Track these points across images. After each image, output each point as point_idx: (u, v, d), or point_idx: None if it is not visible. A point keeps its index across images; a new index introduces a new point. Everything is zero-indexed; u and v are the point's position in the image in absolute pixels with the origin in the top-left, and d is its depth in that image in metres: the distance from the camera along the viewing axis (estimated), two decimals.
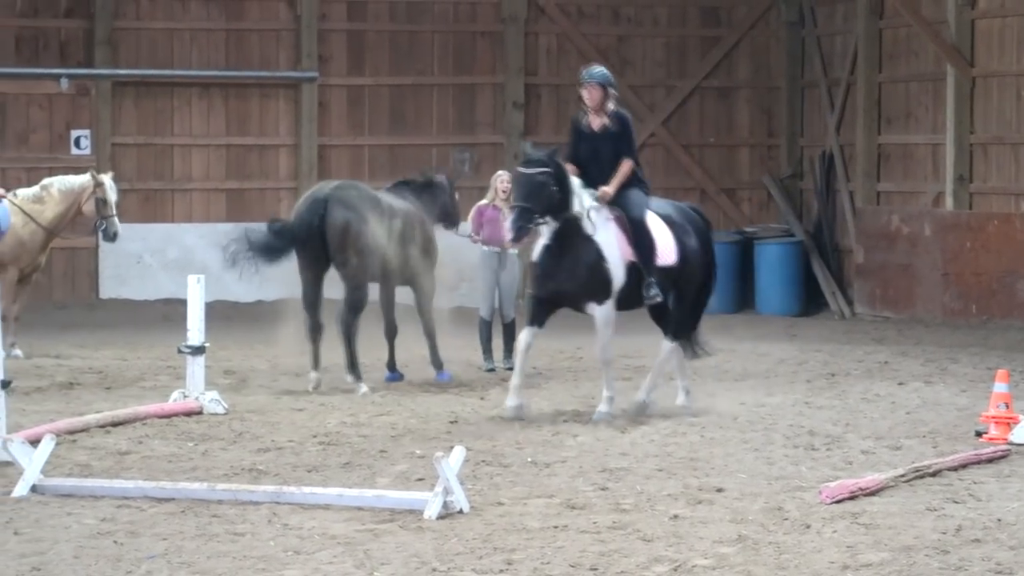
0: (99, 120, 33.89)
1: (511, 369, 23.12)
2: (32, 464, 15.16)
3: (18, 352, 22.83)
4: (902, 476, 15.66)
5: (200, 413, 19.58)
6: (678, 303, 19.83)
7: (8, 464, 15.79)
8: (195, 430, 18.88)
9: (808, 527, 13.79)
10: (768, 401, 21.22)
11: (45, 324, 27.40)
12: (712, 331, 29.82)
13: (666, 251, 18.89)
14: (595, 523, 13.98)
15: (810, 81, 35.66)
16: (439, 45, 35.60)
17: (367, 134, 35.02)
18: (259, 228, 22.07)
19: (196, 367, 19.95)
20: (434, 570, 12.30)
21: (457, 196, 23.95)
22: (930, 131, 31.95)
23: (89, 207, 25.02)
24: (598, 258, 18.22)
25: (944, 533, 13.39)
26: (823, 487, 15.15)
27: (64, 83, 33.86)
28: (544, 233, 18.30)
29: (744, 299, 33.86)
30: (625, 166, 18.77)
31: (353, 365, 21.80)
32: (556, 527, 13.82)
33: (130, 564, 12.54)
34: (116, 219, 25.22)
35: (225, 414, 19.55)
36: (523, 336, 18.80)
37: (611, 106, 18.98)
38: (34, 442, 15.97)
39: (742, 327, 30.87)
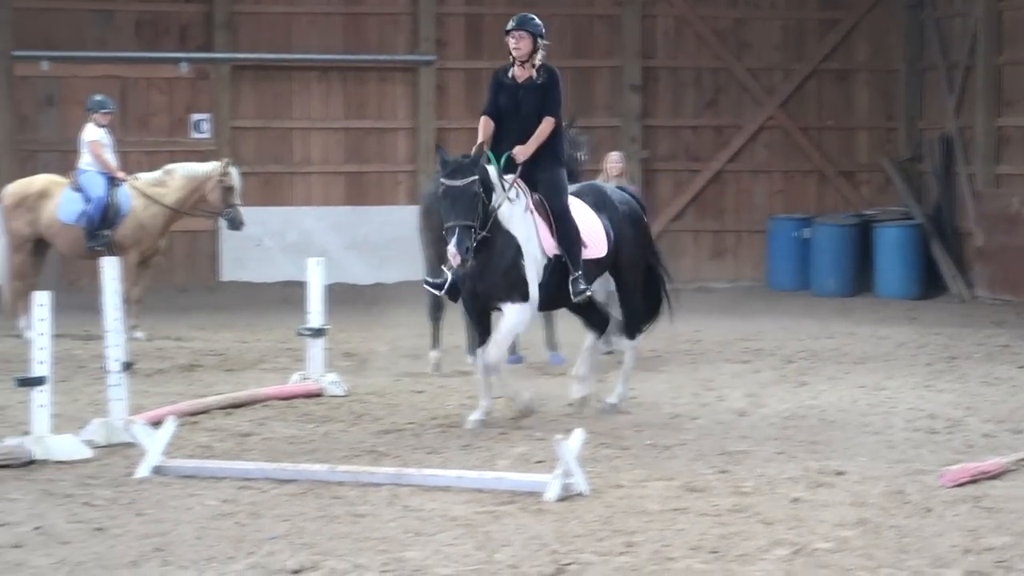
0: (219, 104, 34.07)
1: (614, 351, 23.17)
2: (154, 445, 15.26)
3: (140, 334, 22.97)
4: (1020, 458, 15.56)
5: (320, 395, 19.66)
6: (623, 299, 18.02)
7: (131, 445, 15.92)
8: (315, 412, 18.96)
9: (929, 511, 13.72)
10: (888, 384, 21.11)
11: (166, 307, 27.57)
12: (832, 314, 29.93)
13: (595, 242, 16.76)
14: (715, 506, 13.96)
15: (929, 63, 35.44)
16: (556, 28, 35.49)
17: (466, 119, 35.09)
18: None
19: (316, 349, 20.04)
20: (554, 552, 12.29)
21: (584, 151, 23.77)
22: None
23: (215, 196, 25.16)
24: (514, 255, 16.13)
25: None
26: (944, 470, 15.06)
27: (184, 67, 34.06)
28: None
29: (863, 282, 33.66)
30: (546, 125, 16.64)
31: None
32: (676, 510, 13.80)
33: (252, 545, 12.60)
34: (240, 209, 25.37)
35: (345, 396, 19.62)
36: (481, 356, 17.26)
37: (539, 59, 17.15)
38: (156, 424, 16.13)
39: (861, 310, 30.76)
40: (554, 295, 16.78)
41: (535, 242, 16.13)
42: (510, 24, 16.85)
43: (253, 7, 34.40)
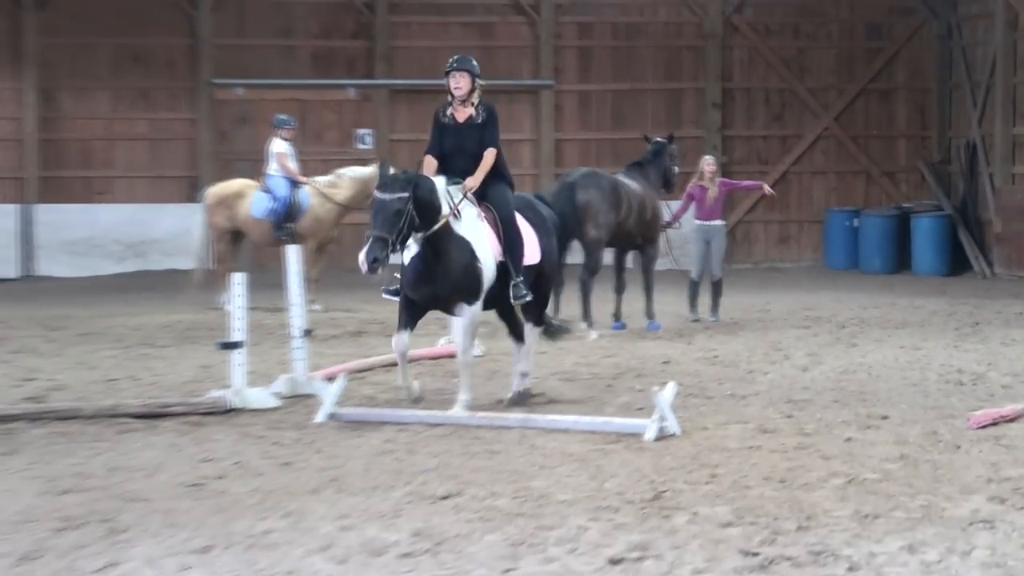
0: (378, 121, 34.19)
1: (716, 321, 23.10)
2: (329, 397, 15.42)
3: (317, 307, 23.12)
4: None
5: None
6: (539, 297, 15.93)
7: (310, 397, 16.08)
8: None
9: (958, 448, 13.74)
10: (923, 345, 21.02)
11: (338, 284, 27.60)
12: (876, 288, 29.68)
13: (531, 250, 15.17)
14: (783, 444, 13.98)
15: (956, 83, 35.18)
16: (652, 58, 35.49)
17: (594, 130, 35.03)
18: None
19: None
20: (652, 481, 12.36)
21: (676, 157, 23.76)
22: None
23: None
24: (471, 258, 14.45)
25: None
26: (970, 415, 15.09)
27: (351, 91, 34.21)
28: (418, 244, 14.44)
29: (902, 262, 33.51)
30: (489, 156, 14.88)
31: (587, 315, 21.82)
32: (751, 447, 13.85)
33: (408, 476, 12.69)
34: None
35: (481, 356, 19.61)
36: (397, 340, 15.12)
37: (476, 97, 15.28)
38: (331, 379, 16.35)
39: (901, 285, 30.54)
40: (495, 298, 15.19)
41: (487, 247, 14.62)
42: (450, 65, 15.28)
43: (406, 42, 34.48)
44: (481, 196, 14.95)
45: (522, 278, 14.89)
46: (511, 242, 14.84)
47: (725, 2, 35.40)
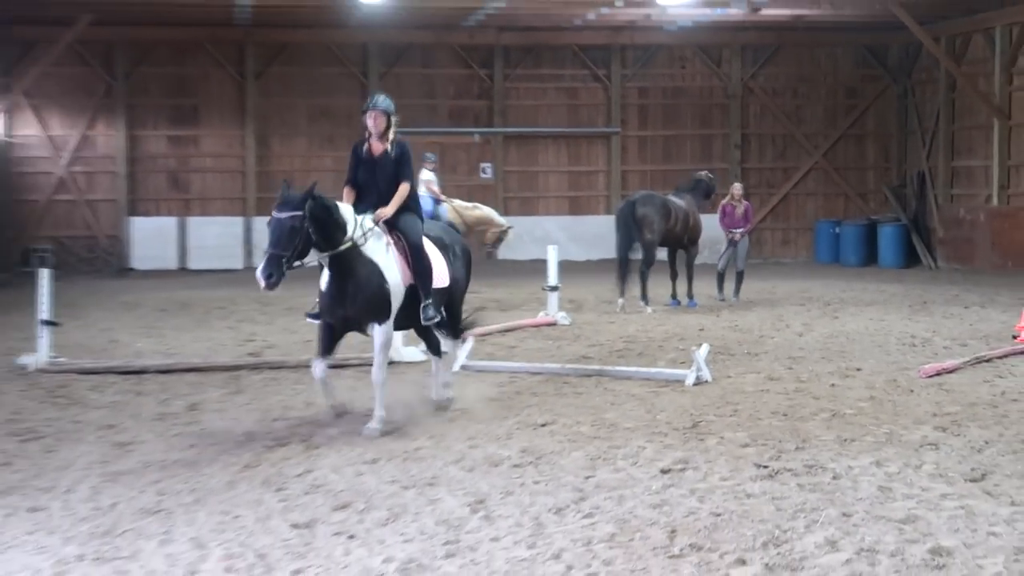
0: (496, 157, 34.18)
1: (736, 300, 22.92)
2: (461, 353, 15.34)
3: None
4: (968, 361, 15.40)
5: (554, 324, 19.65)
6: (451, 318, 13.34)
7: (447, 355, 16.07)
8: (552, 334, 18.97)
9: (912, 391, 13.71)
10: (886, 317, 20.84)
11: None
12: (852, 277, 29.38)
13: (440, 274, 12.53)
14: (785, 388, 13.93)
15: (911, 130, 34.85)
16: (690, 111, 35.36)
17: (649, 164, 34.90)
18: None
19: (552, 298, 20.04)
20: (691, 415, 12.41)
21: (715, 185, 23.86)
22: (983, 158, 31.13)
23: (491, 235, 26.24)
24: (379, 280, 11.80)
25: (995, 395, 13.41)
26: (921, 368, 15.01)
27: (476, 137, 34.19)
28: (326, 264, 11.84)
29: (870, 258, 33.18)
30: (403, 188, 12.23)
31: (645, 295, 21.72)
32: (762, 390, 13.83)
33: (516, 411, 12.75)
34: (499, 248, 26.10)
35: (569, 325, 19.59)
36: (316, 368, 12.09)
37: (392, 134, 12.43)
38: (462, 340, 16.27)
39: (870, 275, 30.27)
40: (407, 318, 12.38)
41: (396, 271, 11.97)
42: (367, 105, 12.43)
43: (515, 101, 34.46)
44: (392, 225, 12.21)
45: (431, 300, 12.21)
46: (419, 266, 12.17)
47: (743, 71, 35.25)
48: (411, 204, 12.48)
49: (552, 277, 20.20)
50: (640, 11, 29.98)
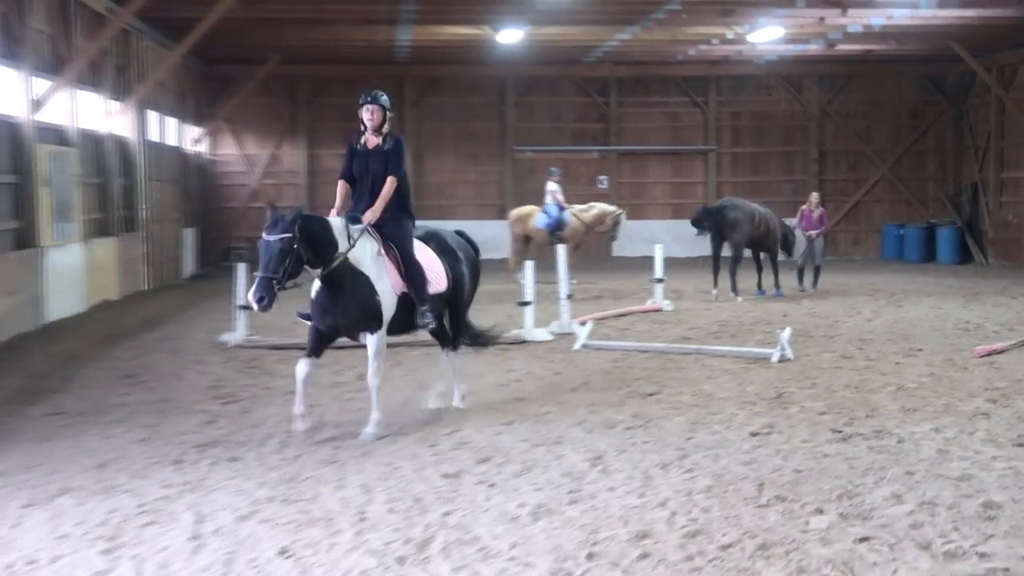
0: (611, 171, 34.09)
1: (815, 291, 22.59)
2: (582, 334, 15.38)
3: (574, 281, 22.96)
4: (1016, 343, 15.10)
5: (660, 311, 19.57)
6: (455, 322, 11.61)
7: (571, 334, 16.06)
8: (658, 318, 18.89)
9: (966, 369, 13.47)
10: (943, 306, 20.43)
11: (586, 268, 27.57)
12: (914, 271, 28.85)
13: (438, 279, 10.86)
14: (856, 365, 13.75)
15: (965, 146, 34.03)
16: (775, 132, 34.94)
17: (740, 176, 34.55)
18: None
19: (659, 288, 19.97)
20: (776, 387, 12.32)
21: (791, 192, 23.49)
22: None
23: (609, 223, 25.36)
24: (369, 292, 10.18)
25: None
26: (974, 349, 14.73)
27: (595, 153, 34.15)
28: (317, 275, 10.20)
29: (929, 256, 32.50)
30: (388, 184, 10.52)
31: (735, 287, 21.54)
32: (836, 367, 13.65)
33: (626, 383, 12.69)
34: (619, 230, 25.57)
35: (672, 311, 19.51)
36: (300, 367, 10.32)
37: (387, 128, 10.80)
38: (583, 323, 16.31)
39: (929, 271, 29.69)
40: (405, 324, 10.67)
41: (386, 281, 10.31)
42: (365, 99, 10.67)
43: (628, 123, 34.31)
44: (381, 232, 10.51)
45: (427, 307, 10.53)
46: (412, 273, 10.47)
47: (821, 97, 34.77)
48: (402, 204, 10.67)
49: (658, 271, 20.08)
50: (733, 47, 29.68)
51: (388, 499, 8.09)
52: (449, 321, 11.46)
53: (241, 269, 16.36)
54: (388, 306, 10.27)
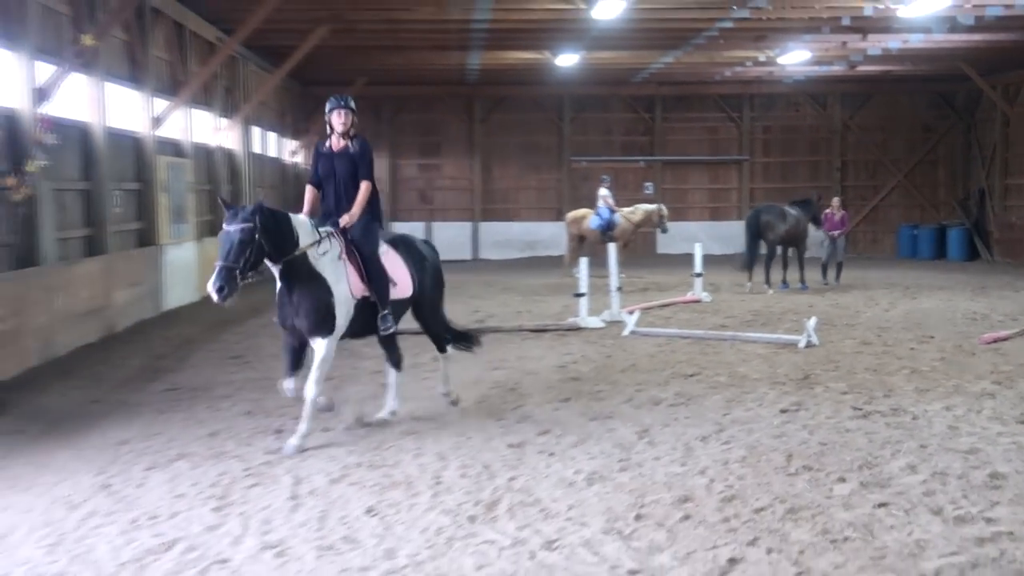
0: (656, 178, 33.87)
1: (837, 284, 22.30)
2: (631, 322, 15.29)
3: (622, 275, 22.81)
4: (1019, 332, 14.84)
5: (699, 302, 19.44)
6: (426, 326, 10.31)
7: (620, 322, 16.00)
8: (697, 308, 18.75)
9: (974, 354, 13.28)
10: (953, 298, 20.08)
11: (632, 264, 27.44)
12: (927, 268, 28.41)
13: (403, 285, 9.55)
14: (875, 350, 13.60)
15: (973, 156, 33.36)
16: (802, 143, 34.55)
17: (771, 183, 34.18)
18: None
19: (698, 282, 19.84)
20: (803, 369, 12.22)
21: (820, 199, 23.13)
22: None
23: (655, 219, 25.17)
24: (324, 294, 8.83)
25: None
26: (980, 336, 14.50)
27: (641, 163, 33.91)
28: (276, 272, 8.83)
29: (940, 253, 31.98)
30: (363, 188, 9.24)
31: (767, 280, 21.32)
32: (857, 352, 13.50)
33: (670, 365, 12.63)
34: (666, 223, 25.33)
35: (710, 302, 19.36)
36: (286, 389, 9.00)
37: (354, 132, 9.37)
38: (631, 312, 16.19)
39: (940, 267, 29.20)
40: (365, 328, 9.35)
41: (344, 284, 8.92)
42: (335, 104, 9.29)
43: (671, 136, 34.07)
44: (346, 234, 9.22)
45: (388, 310, 9.29)
46: (374, 276, 9.18)
47: (843, 112, 34.29)
48: (373, 208, 9.39)
49: (697, 266, 19.97)
50: (765, 69, 29.41)
51: (460, 465, 8.12)
52: (422, 326, 10.23)
53: None
54: (343, 311, 8.91)
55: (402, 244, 9.88)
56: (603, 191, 24.93)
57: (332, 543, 6.45)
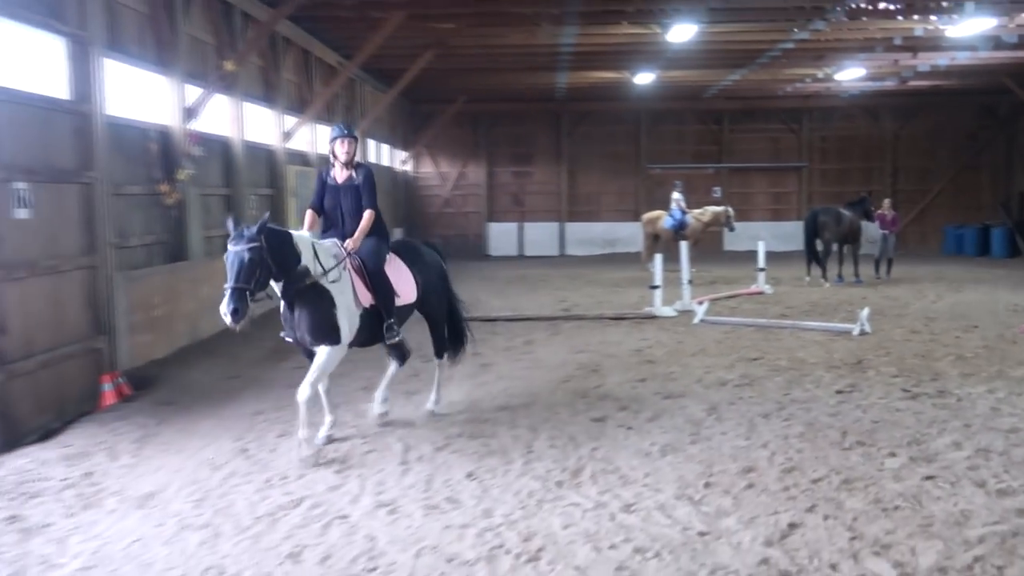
0: (723, 183, 33.42)
1: (888, 279, 21.74)
2: (700, 311, 15.10)
3: (693, 269, 22.59)
4: None
5: (762, 293, 19.14)
6: (431, 329, 9.21)
7: (690, 312, 15.78)
8: (761, 299, 18.44)
9: (1014, 343, 12.86)
10: (994, 292, 19.38)
11: (703, 259, 27.12)
12: (971, 264, 27.56)
13: (406, 291, 8.51)
14: (923, 338, 13.24)
15: (1014, 162, 32.35)
16: (857, 150, 33.83)
17: (828, 186, 33.48)
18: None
19: (761, 276, 19.54)
20: (855, 353, 11.98)
21: (872, 205, 22.48)
22: None
23: (723, 219, 24.85)
24: (328, 305, 7.74)
25: None
26: (1020, 326, 14.05)
27: (710, 169, 33.44)
28: (278, 288, 7.65)
29: (984, 251, 30.96)
30: (367, 216, 8.26)
31: (824, 275, 20.91)
32: (906, 340, 13.18)
33: (737, 349, 12.46)
34: (733, 223, 24.99)
35: (772, 294, 19.05)
36: (302, 393, 7.53)
37: (357, 159, 8.46)
38: (701, 303, 15.96)
39: (983, 263, 28.27)
40: (373, 336, 8.26)
41: (349, 295, 7.88)
42: (338, 133, 8.27)
43: (737, 147, 33.60)
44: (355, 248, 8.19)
45: (393, 319, 8.21)
46: (379, 289, 8.14)
47: (895, 123, 33.42)
48: (376, 227, 8.36)
49: (761, 262, 19.68)
50: (822, 84, 28.80)
51: (549, 437, 8.13)
52: (429, 330, 9.12)
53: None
54: (349, 319, 7.83)
55: (404, 249, 8.85)
56: (676, 195, 24.72)
57: (437, 503, 6.52)
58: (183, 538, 5.95)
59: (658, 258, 16.64)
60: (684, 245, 17.82)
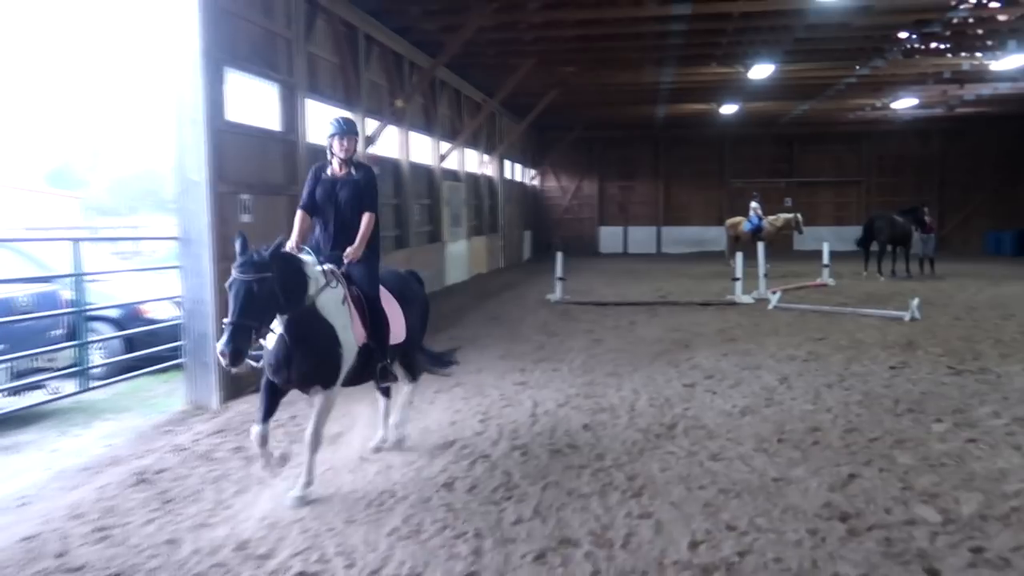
0: (794, 194, 32.34)
1: (933, 275, 20.67)
2: (774, 299, 14.63)
3: (768, 265, 21.74)
4: None
5: (826, 285, 18.43)
6: (407, 360, 6.37)
7: (764, 299, 15.31)
8: (824, 290, 17.70)
9: None
10: None
11: (777, 257, 26.26)
12: (1009, 262, 25.92)
13: (397, 329, 5.94)
14: (965, 325, 12.54)
15: None
16: (909, 167, 32.30)
17: (883, 197, 31.98)
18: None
19: (825, 271, 18.78)
20: (907, 336, 11.41)
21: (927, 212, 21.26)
22: None
23: (793, 224, 24.05)
24: (332, 343, 5.33)
25: None
26: None
27: (783, 183, 32.40)
28: (280, 321, 5.17)
29: (1021, 252, 29.05)
30: (367, 220, 5.78)
31: (880, 270, 19.99)
32: (951, 325, 12.54)
33: (804, 330, 12.06)
34: (802, 227, 24.14)
35: (834, 286, 18.26)
36: (255, 433, 5.32)
37: (356, 157, 5.96)
38: (775, 291, 15.44)
39: (1019, 263, 26.53)
40: (360, 375, 5.76)
41: (349, 331, 5.52)
42: (339, 130, 5.81)
43: (806, 164, 32.46)
44: (347, 275, 5.77)
45: (388, 360, 5.90)
46: (376, 326, 5.79)
47: (943, 144, 31.66)
48: (372, 241, 5.93)
49: (825, 259, 18.96)
50: (880, 112, 27.54)
51: (649, 398, 8.06)
52: (402, 361, 6.42)
53: (558, 257, 16.60)
54: (349, 359, 5.60)
55: (392, 281, 6.28)
56: (754, 204, 24.07)
57: (560, 448, 6.55)
58: (363, 468, 6.13)
59: (739, 256, 16.25)
60: (761, 245, 17.34)
